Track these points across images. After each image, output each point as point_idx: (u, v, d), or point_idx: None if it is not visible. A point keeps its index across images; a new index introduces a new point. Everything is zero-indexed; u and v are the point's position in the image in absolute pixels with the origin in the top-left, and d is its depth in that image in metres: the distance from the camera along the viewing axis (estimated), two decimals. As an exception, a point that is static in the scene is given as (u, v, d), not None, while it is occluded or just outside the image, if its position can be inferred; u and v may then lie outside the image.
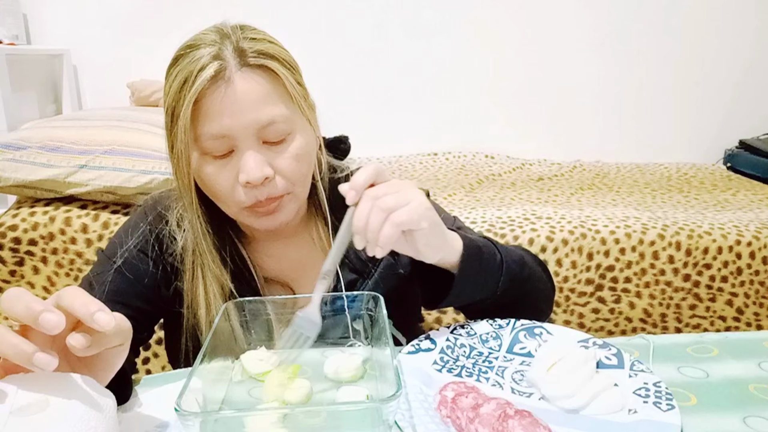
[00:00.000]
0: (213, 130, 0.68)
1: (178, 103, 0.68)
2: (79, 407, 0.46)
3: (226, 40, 0.69)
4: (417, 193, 0.64)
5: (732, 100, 2.72)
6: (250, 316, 0.68)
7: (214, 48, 0.68)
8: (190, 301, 0.78)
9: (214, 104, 0.67)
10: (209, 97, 0.67)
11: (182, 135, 0.68)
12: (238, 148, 0.69)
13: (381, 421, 0.49)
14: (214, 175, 0.71)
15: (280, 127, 0.70)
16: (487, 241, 0.77)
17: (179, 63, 0.69)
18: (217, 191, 0.72)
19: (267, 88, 0.69)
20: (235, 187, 0.71)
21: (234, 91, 0.67)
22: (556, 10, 2.61)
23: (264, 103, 0.69)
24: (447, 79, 2.67)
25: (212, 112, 0.67)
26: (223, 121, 0.67)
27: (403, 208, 0.62)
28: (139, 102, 2.32)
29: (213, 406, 0.56)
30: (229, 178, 0.70)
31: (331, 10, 2.55)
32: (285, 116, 0.70)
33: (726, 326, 1.58)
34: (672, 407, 0.54)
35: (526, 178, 2.33)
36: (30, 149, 1.48)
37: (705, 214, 1.74)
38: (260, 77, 0.69)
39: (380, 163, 0.67)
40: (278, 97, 0.70)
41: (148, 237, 0.81)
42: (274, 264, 0.85)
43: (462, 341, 0.69)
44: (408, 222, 0.62)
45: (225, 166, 0.70)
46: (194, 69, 0.67)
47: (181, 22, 2.52)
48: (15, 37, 2.33)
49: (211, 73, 0.66)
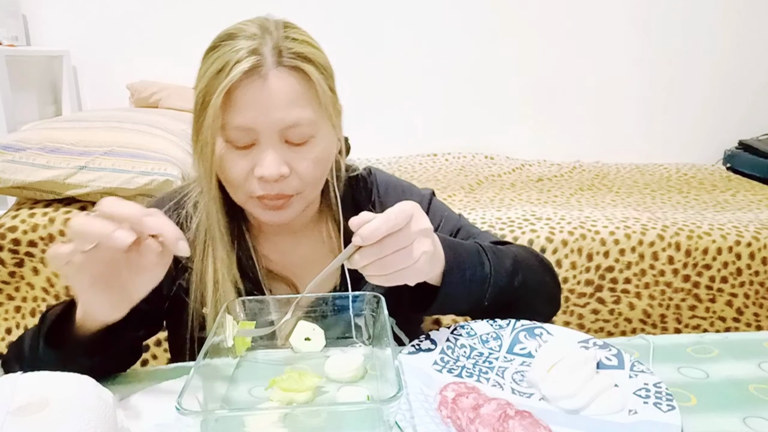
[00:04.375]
0: (239, 121, 0.69)
1: (210, 89, 0.69)
2: (79, 407, 0.46)
3: (267, 36, 0.70)
4: (423, 248, 0.62)
5: (732, 100, 2.72)
6: (251, 315, 0.68)
7: (254, 42, 0.69)
8: (197, 281, 0.79)
9: (245, 97, 0.68)
10: (241, 89, 0.68)
11: (210, 121, 0.69)
12: (260, 142, 0.71)
13: (382, 422, 0.49)
14: (231, 163, 0.72)
15: (304, 130, 0.71)
16: (475, 251, 0.75)
17: (217, 50, 0.70)
18: (231, 178, 0.73)
19: (298, 90, 0.70)
20: (249, 178, 0.72)
21: (266, 88, 0.68)
22: (556, 11, 2.61)
23: (293, 104, 0.70)
24: (447, 79, 2.67)
25: (242, 105, 0.69)
26: (251, 114, 0.69)
27: (406, 270, 0.62)
28: (138, 103, 2.32)
29: (213, 405, 0.56)
30: (246, 168, 0.71)
31: (331, 9, 2.55)
32: (310, 120, 0.71)
33: (726, 327, 1.58)
34: (672, 408, 0.54)
35: (526, 178, 2.33)
36: (29, 150, 1.48)
37: (704, 215, 1.74)
38: (293, 78, 0.70)
39: (407, 205, 0.63)
40: (307, 100, 0.71)
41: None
42: (280, 258, 0.85)
43: (462, 341, 0.69)
44: (405, 281, 0.63)
45: (244, 156, 0.71)
46: (231, 59, 0.68)
47: (181, 23, 2.54)
48: (15, 38, 2.33)
49: (248, 66, 0.67)
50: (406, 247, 0.61)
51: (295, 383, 0.58)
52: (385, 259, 0.60)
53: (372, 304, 0.68)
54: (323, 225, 0.87)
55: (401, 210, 0.60)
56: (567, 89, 2.70)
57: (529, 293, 0.79)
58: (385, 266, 0.61)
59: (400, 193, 0.90)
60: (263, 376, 0.61)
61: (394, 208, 0.61)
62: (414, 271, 0.63)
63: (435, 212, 0.90)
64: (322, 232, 0.87)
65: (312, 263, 0.85)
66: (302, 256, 0.86)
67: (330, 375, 0.62)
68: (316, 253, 0.86)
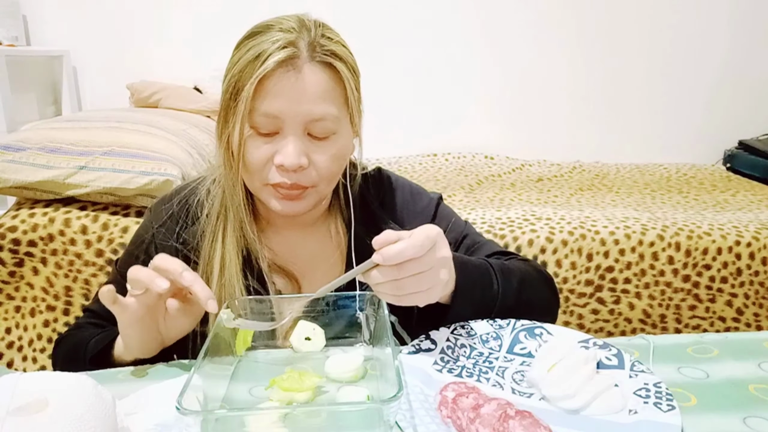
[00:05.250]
0: (268, 108, 0.71)
1: (244, 76, 0.71)
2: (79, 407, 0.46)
3: (304, 31, 0.72)
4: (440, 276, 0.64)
5: (731, 100, 2.72)
6: (252, 314, 0.68)
7: (291, 35, 0.71)
8: (204, 265, 0.80)
9: (278, 86, 0.70)
10: (275, 78, 0.70)
11: (243, 106, 0.71)
12: (284, 131, 0.72)
13: (382, 422, 0.49)
14: (253, 148, 0.73)
15: (328, 125, 0.73)
16: (486, 271, 0.76)
17: (255, 38, 0.72)
18: (251, 162, 0.74)
19: (329, 86, 0.73)
20: (267, 165, 0.74)
21: (300, 80, 0.71)
22: (556, 11, 2.61)
23: (321, 98, 0.72)
24: (447, 79, 2.67)
25: (273, 93, 0.71)
26: (281, 103, 0.71)
27: (419, 294, 0.63)
28: (138, 103, 2.32)
29: (214, 404, 0.56)
30: (266, 154, 0.73)
31: (331, 9, 2.55)
32: (335, 117, 0.74)
33: (726, 327, 1.58)
34: (672, 408, 0.54)
35: (526, 178, 2.33)
36: (29, 150, 1.48)
37: (704, 215, 1.74)
38: (326, 74, 0.73)
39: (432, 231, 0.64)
40: (335, 97, 0.74)
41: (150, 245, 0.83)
42: (285, 252, 0.85)
43: (462, 341, 0.69)
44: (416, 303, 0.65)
45: (266, 143, 0.73)
46: (268, 49, 0.70)
47: (180, 23, 2.54)
48: (14, 38, 2.33)
49: (284, 56, 0.69)
50: (424, 272, 0.62)
51: (295, 383, 0.57)
52: (402, 281, 0.61)
53: (372, 304, 0.68)
54: (331, 222, 0.88)
55: (426, 237, 0.61)
56: (567, 89, 2.70)
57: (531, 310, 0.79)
58: (400, 288, 0.62)
59: (408, 195, 0.91)
60: (263, 376, 0.61)
61: (420, 233, 0.61)
62: (426, 297, 0.64)
63: (442, 217, 0.90)
64: (330, 229, 0.88)
65: (317, 260, 0.86)
66: (308, 251, 0.86)
67: (330, 375, 0.62)
68: (322, 250, 0.87)
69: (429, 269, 0.62)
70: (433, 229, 0.62)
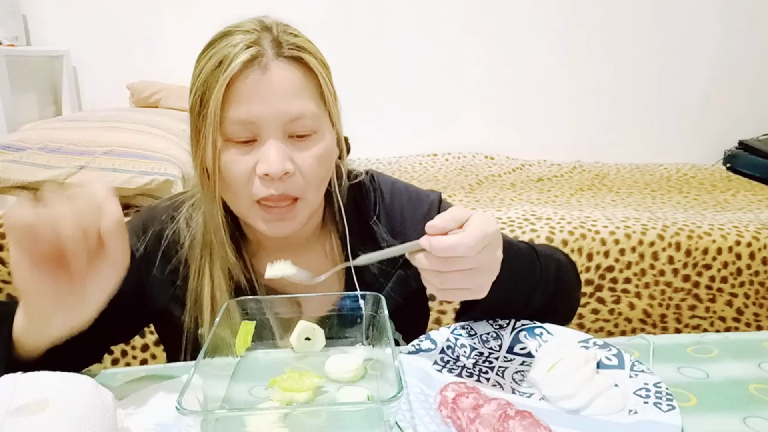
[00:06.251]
0: (241, 114, 0.66)
1: (210, 85, 0.66)
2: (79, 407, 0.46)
3: (266, 31, 0.69)
4: (490, 276, 0.59)
5: (732, 100, 2.72)
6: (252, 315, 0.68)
7: (252, 35, 0.67)
8: (193, 302, 0.76)
9: (247, 89, 0.66)
10: (242, 81, 0.66)
11: (212, 118, 0.66)
12: (262, 137, 0.68)
13: (382, 422, 0.49)
14: (231, 163, 0.68)
15: (308, 123, 0.69)
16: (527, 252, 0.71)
17: (214, 47, 0.68)
18: (232, 180, 0.69)
19: (302, 81, 0.69)
20: (251, 178, 0.69)
21: (269, 79, 0.66)
22: (556, 10, 2.61)
23: (296, 95, 0.68)
24: (447, 79, 2.67)
25: (243, 97, 0.66)
26: (253, 107, 0.66)
27: (465, 292, 0.58)
28: (138, 103, 2.32)
29: (214, 404, 0.56)
30: (247, 167, 0.68)
31: (331, 9, 2.55)
32: (314, 113, 0.70)
33: (726, 327, 1.58)
34: (672, 408, 0.54)
35: (526, 178, 2.34)
36: (30, 150, 1.48)
37: (705, 215, 1.74)
38: (296, 69, 0.69)
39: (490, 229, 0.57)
40: (310, 92, 0.70)
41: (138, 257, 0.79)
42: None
43: (462, 341, 0.69)
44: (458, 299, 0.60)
45: (245, 154, 0.68)
46: (230, 52, 0.66)
47: (180, 23, 2.53)
48: (15, 38, 2.33)
49: (248, 56, 0.65)
50: (472, 269, 0.56)
51: (295, 383, 0.57)
52: (447, 275, 0.57)
53: (372, 304, 0.68)
54: (326, 239, 0.83)
55: (484, 235, 0.55)
56: (567, 89, 2.70)
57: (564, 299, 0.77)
58: (444, 281, 0.57)
59: (406, 199, 0.86)
60: (263, 376, 0.61)
61: (477, 229, 0.55)
62: (471, 295, 0.59)
63: None
64: (325, 246, 0.83)
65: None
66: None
67: (330, 375, 0.62)
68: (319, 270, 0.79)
69: (478, 268, 0.57)
70: (491, 226, 0.56)
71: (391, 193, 0.86)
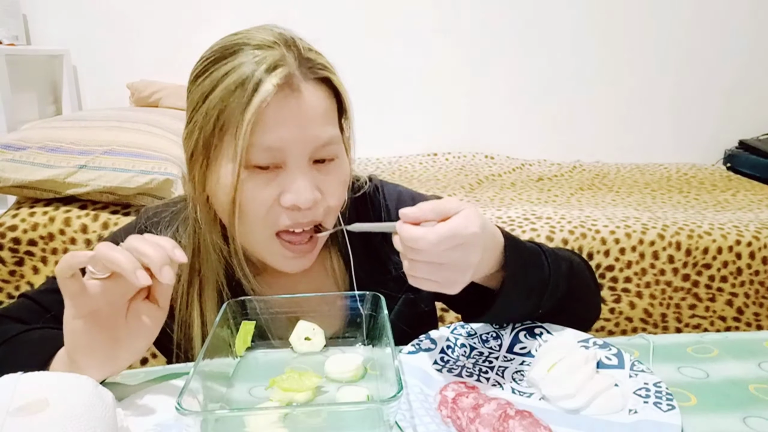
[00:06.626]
0: (270, 141, 0.60)
1: (232, 106, 0.59)
2: (79, 407, 0.46)
3: (288, 48, 0.62)
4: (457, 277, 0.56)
5: (732, 100, 2.72)
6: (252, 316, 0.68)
7: (275, 51, 0.61)
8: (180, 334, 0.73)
9: (279, 113, 0.60)
10: (274, 105, 0.60)
11: (240, 142, 0.59)
12: (288, 165, 0.62)
13: (382, 422, 0.49)
14: (252, 191, 0.62)
15: (334, 148, 0.65)
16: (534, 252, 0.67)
17: (230, 59, 0.61)
18: (252, 210, 0.63)
19: (329, 104, 0.64)
20: (274, 208, 0.64)
21: (302, 103, 0.61)
22: (556, 10, 2.61)
23: (326, 120, 0.64)
24: (447, 79, 2.67)
25: (273, 122, 0.60)
26: (283, 132, 0.61)
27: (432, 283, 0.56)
28: (138, 102, 2.32)
29: (213, 405, 0.56)
30: (270, 197, 0.63)
31: (331, 9, 2.55)
32: (338, 138, 0.66)
33: (726, 326, 1.58)
34: (672, 407, 0.54)
35: (526, 178, 2.33)
36: (30, 150, 1.48)
37: (705, 215, 1.74)
38: (325, 92, 0.64)
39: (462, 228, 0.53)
40: (335, 116, 0.66)
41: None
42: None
43: (462, 341, 0.69)
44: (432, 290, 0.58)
45: (268, 183, 0.63)
46: (254, 71, 0.59)
47: (180, 22, 2.53)
48: (15, 37, 2.33)
49: (280, 80, 0.59)
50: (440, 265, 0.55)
51: (295, 383, 0.57)
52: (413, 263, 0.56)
53: (372, 304, 0.68)
54: (327, 256, 0.79)
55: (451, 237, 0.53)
56: (567, 89, 2.70)
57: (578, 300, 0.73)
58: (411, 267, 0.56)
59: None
60: (263, 376, 0.61)
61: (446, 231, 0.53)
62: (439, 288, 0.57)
63: None
64: (326, 265, 0.79)
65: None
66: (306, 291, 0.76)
67: (330, 375, 0.62)
68: (321, 288, 0.78)
69: (446, 264, 0.54)
70: (470, 228, 0.53)
71: (397, 202, 0.82)
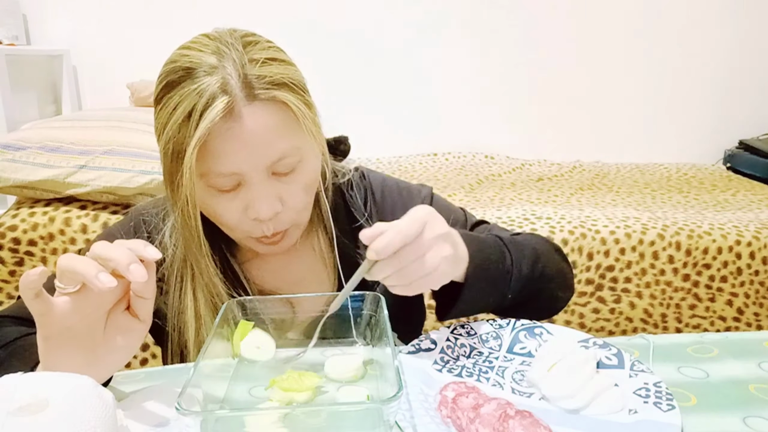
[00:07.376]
0: (222, 168, 0.64)
1: (179, 137, 0.62)
2: (79, 407, 0.46)
3: (228, 64, 0.62)
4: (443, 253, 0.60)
5: (732, 100, 2.72)
6: (252, 316, 0.68)
7: (216, 77, 0.61)
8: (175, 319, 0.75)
9: (223, 144, 0.63)
10: (216, 136, 0.62)
11: (188, 175, 0.62)
12: (247, 182, 0.66)
13: (382, 422, 0.49)
14: (219, 208, 0.68)
15: (291, 160, 0.67)
16: (496, 243, 0.72)
17: (177, 90, 0.63)
18: (225, 222, 0.69)
19: (277, 121, 0.64)
20: (243, 219, 0.68)
21: (244, 130, 0.62)
22: (555, 11, 2.61)
23: (274, 138, 0.64)
24: (447, 79, 2.67)
25: (220, 152, 0.63)
26: (232, 160, 0.64)
27: (427, 277, 0.60)
28: (138, 102, 2.32)
29: (213, 405, 0.56)
30: (237, 210, 0.68)
31: (331, 9, 2.55)
32: (295, 148, 0.66)
33: (726, 326, 1.58)
34: (672, 407, 0.54)
35: (526, 178, 2.33)
36: (30, 150, 1.48)
37: (705, 215, 1.74)
38: (270, 110, 0.64)
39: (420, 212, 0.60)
40: (288, 128, 0.66)
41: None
42: (272, 278, 0.81)
43: (462, 341, 0.69)
44: (429, 288, 0.62)
45: (232, 200, 0.67)
46: (198, 103, 0.61)
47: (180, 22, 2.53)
48: (15, 37, 2.33)
49: (220, 110, 0.60)
50: (424, 254, 0.59)
51: (295, 383, 0.57)
52: (405, 270, 0.59)
53: (372, 304, 0.68)
54: (314, 238, 0.82)
55: (413, 219, 0.59)
56: (567, 89, 2.70)
57: (549, 281, 0.77)
58: (405, 276, 0.59)
59: (397, 195, 0.86)
60: (263, 376, 0.61)
61: (406, 218, 0.59)
62: (437, 277, 0.61)
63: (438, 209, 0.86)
64: (314, 245, 0.83)
65: (306, 279, 0.82)
66: (295, 272, 0.82)
67: (330, 375, 0.62)
68: (310, 268, 0.82)
69: (428, 250, 0.59)
70: (420, 210, 0.60)
71: (381, 191, 0.86)
